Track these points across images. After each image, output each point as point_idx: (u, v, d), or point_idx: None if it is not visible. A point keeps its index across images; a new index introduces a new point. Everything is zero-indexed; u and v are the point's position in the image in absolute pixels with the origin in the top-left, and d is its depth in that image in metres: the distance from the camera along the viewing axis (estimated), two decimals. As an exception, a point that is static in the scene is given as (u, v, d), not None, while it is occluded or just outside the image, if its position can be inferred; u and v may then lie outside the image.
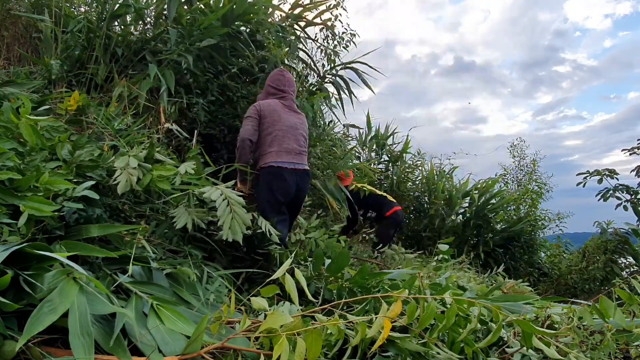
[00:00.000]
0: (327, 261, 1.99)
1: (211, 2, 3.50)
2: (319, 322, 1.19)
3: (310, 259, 2.15)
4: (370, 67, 4.35)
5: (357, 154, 6.63)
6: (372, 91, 4.45)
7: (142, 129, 2.61)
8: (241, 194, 1.96)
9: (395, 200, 4.83)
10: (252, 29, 3.57)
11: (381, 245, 4.11)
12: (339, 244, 3.15)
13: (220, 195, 1.78)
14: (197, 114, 3.09)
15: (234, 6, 3.25)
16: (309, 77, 4.23)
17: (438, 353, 1.36)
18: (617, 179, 6.53)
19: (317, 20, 4.12)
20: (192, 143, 2.83)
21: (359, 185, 4.65)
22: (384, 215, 4.61)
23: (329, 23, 4.07)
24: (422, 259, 3.87)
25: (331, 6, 4.05)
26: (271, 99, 2.71)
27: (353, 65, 4.27)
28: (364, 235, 4.55)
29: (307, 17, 4.11)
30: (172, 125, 2.64)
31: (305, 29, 4.19)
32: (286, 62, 3.96)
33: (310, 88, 4.09)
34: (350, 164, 4.96)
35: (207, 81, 3.24)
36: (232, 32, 3.39)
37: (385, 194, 4.76)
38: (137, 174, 1.65)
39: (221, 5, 3.40)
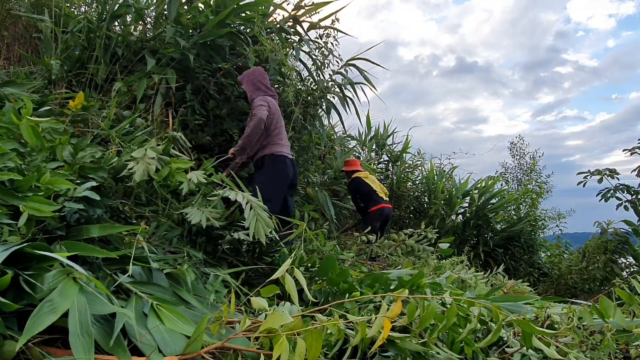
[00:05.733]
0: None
1: (211, 1, 3.50)
2: (319, 322, 1.19)
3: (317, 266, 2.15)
4: (373, 62, 4.34)
5: (356, 154, 6.63)
6: (375, 88, 4.44)
7: (146, 134, 2.62)
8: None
9: (387, 199, 4.87)
10: (252, 29, 3.56)
11: (369, 228, 4.10)
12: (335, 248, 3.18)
13: (243, 199, 1.83)
14: (188, 118, 3.13)
15: (226, 2, 3.30)
16: (310, 81, 4.22)
17: (438, 353, 1.36)
18: (618, 179, 6.51)
19: (322, 23, 4.10)
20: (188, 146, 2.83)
21: (362, 175, 4.81)
22: (367, 210, 4.79)
23: (329, 31, 4.05)
24: (423, 251, 3.80)
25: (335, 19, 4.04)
26: (268, 96, 3.08)
27: (355, 62, 4.25)
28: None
29: (307, 20, 4.10)
30: (178, 133, 2.68)
31: (308, 32, 4.17)
32: (288, 63, 3.95)
33: (314, 91, 4.08)
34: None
35: (205, 79, 3.24)
36: (231, 30, 3.39)
37: (378, 190, 4.79)
38: (156, 164, 1.68)
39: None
